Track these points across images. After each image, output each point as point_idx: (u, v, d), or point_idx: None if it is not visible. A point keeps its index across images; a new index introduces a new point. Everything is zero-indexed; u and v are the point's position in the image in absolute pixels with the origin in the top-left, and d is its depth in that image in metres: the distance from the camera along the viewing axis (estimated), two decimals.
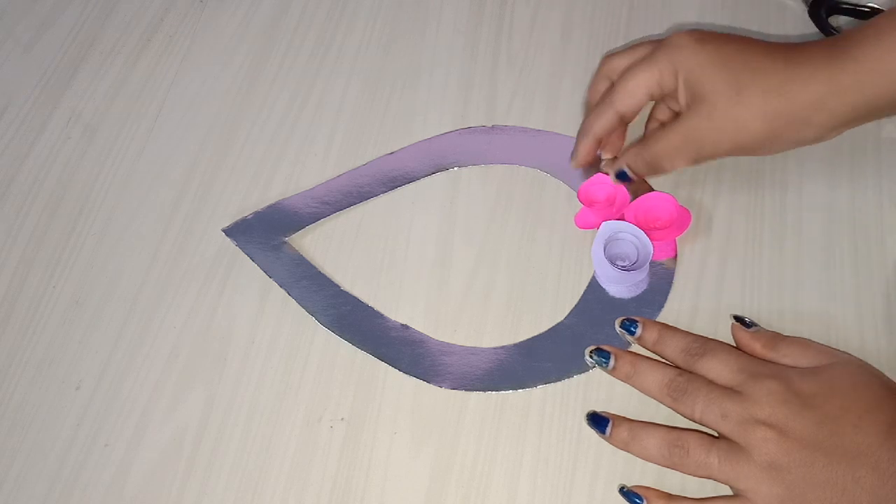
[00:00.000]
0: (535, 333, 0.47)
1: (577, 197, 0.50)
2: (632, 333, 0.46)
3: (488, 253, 0.50)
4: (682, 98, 0.45)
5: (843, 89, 0.42)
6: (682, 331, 0.45)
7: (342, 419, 0.45)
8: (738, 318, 0.45)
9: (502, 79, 0.57)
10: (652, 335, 0.45)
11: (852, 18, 0.57)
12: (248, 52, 0.60)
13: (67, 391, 0.47)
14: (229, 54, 0.60)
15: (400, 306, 0.49)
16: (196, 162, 0.55)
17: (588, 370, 0.45)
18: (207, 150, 0.56)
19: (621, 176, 0.48)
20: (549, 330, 0.47)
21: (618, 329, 0.46)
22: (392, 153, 0.54)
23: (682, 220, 0.49)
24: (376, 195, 0.52)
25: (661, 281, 0.48)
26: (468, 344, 0.47)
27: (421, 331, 0.48)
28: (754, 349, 0.44)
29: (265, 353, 0.48)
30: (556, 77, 0.57)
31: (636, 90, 0.47)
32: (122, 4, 0.63)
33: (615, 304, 0.48)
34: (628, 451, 0.42)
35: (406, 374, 0.46)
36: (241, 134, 0.56)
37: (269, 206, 0.52)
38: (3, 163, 0.56)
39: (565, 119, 0.55)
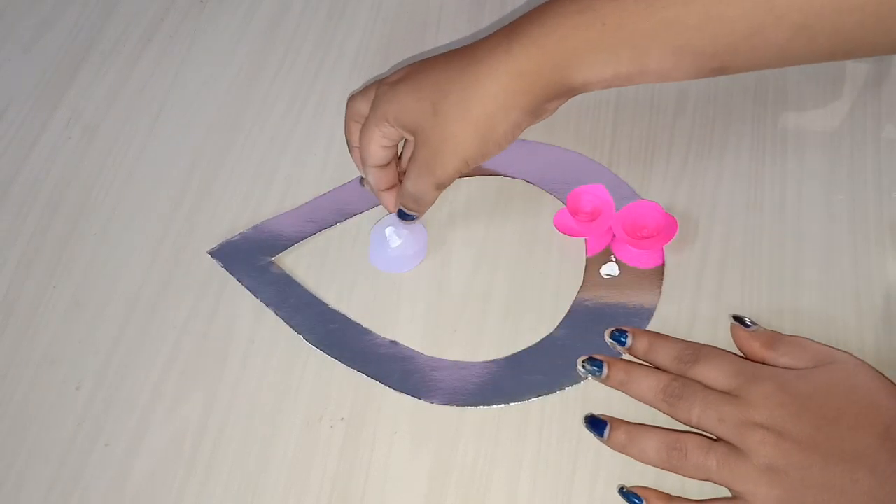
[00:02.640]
0: (525, 346, 0.47)
1: (566, 203, 0.50)
2: (622, 344, 0.45)
3: (479, 264, 0.50)
4: (407, 137, 0.47)
5: (524, 75, 0.43)
6: (674, 338, 0.45)
7: (342, 419, 0.45)
8: (737, 318, 0.45)
9: None
10: (642, 344, 0.45)
11: None
12: (248, 52, 0.60)
13: (67, 391, 0.47)
14: (229, 54, 0.60)
15: (391, 323, 0.48)
16: (196, 161, 0.55)
17: (580, 382, 0.45)
18: (207, 150, 0.56)
19: (401, 215, 0.49)
20: (539, 342, 0.47)
21: (608, 340, 0.46)
22: None
23: (668, 228, 0.49)
24: (362, 212, 0.52)
25: (649, 290, 0.48)
26: (462, 358, 0.47)
27: (412, 346, 0.47)
28: (753, 348, 0.44)
29: (265, 353, 0.48)
30: None
31: (375, 151, 0.48)
32: (122, 4, 0.63)
33: (604, 315, 0.47)
34: (626, 454, 0.42)
35: (396, 390, 0.46)
36: (241, 134, 0.56)
37: (255, 227, 0.52)
38: (4, 163, 0.56)
39: (565, 119, 0.55)
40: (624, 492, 0.42)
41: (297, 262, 0.51)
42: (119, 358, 0.48)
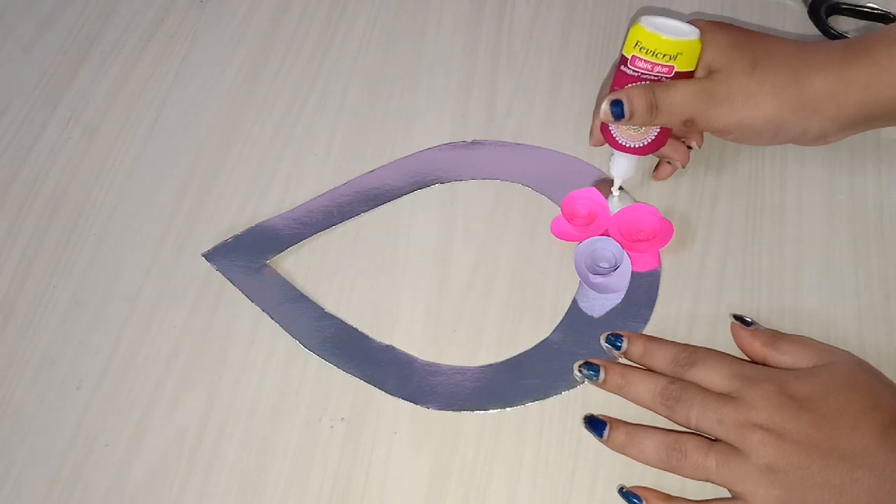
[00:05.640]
0: (523, 349, 0.47)
1: (561, 209, 0.50)
2: (617, 348, 0.45)
3: (476, 266, 0.50)
4: (700, 74, 0.47)
5: (853, 83, 0.44)
6: (669, 341, 0.45)
7: (342, 419, 0.45)
8: (737, 317, 0.45)
9: (502, 79, 0.57)
10: (638, 348, 0.45)
11: (852, 19, 0.57)
12: (248, 52, 0.60)
13: (67, 391, 0.47)
14: (229, 54, 0.60)
15: (390, 323, 0.48)
16: (196, 162, 0.55)
17: (576, 386, 0.45)
18: (207, 150, 0.56)
19: (616, 105, 0.46)
20: (535, 346, 0.47)
21: (603, 345, 0.46)
22: (371, 171, 0.53)
23: (664, 231, 0.49)
24: (357, 214, 0.52)
25: (645, 293, 0.48)
26: (461, 359, 0.47)
27: (412, 347, 0.47)
28: (754, 347, 0.44)
29: (265, 353, 0.48)
30: (556, 77, 0.57)
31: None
32: (123, 4, 0.63)
33: (600, 319, 0.47)
34: (625, 455, 0.42)
35: (393, 395, 0.46)
36: (241, 134, 0.56)
37: (249, 229, 0.52)
38: (4, 163, 0.56)
39: (565, 120, 0.55)
40: (624, 492, 0.42)
41: (295, 266, 0.51)
42: (119, 358, 0.48)
